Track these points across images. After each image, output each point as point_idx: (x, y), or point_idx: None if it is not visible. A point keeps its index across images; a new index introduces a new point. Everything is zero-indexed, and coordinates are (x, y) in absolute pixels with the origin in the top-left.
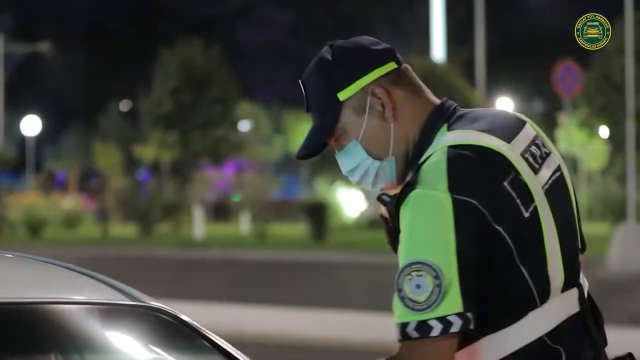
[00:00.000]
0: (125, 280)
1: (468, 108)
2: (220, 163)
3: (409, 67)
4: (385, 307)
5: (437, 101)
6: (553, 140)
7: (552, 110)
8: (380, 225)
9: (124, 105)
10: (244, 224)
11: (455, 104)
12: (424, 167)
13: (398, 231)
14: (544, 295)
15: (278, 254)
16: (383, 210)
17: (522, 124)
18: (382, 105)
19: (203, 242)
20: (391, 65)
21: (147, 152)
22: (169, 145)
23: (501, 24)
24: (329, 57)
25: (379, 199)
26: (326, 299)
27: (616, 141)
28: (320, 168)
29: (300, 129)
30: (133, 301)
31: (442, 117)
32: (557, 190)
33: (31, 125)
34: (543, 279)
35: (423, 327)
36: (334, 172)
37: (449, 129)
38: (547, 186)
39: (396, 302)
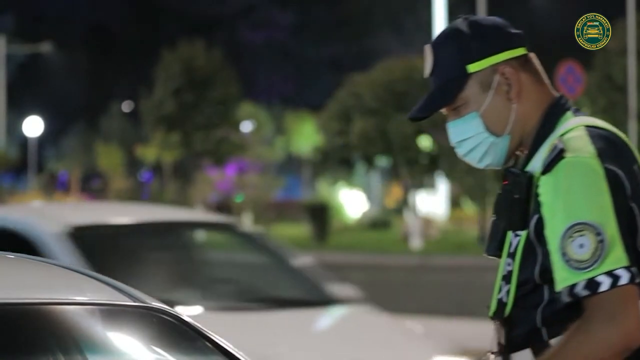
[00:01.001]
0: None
1: None
2: (222, 164)
3: (535, 56)
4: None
5: (556, 92)
6: None
7: None
8: (381, 226)
9: (126, 106)
10: (246, 225)
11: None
12: (567, 139)
13: (523, 202)
14: None
15: None
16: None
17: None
18: (509, 86)
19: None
20: (522, 50)
21: (149, 152)
22: (171, 146)
23: None
24: (465, 29)
25: (507, 171)
26: None
27: None
28: (322, 169)
29: (302, 129)
30: (135, 302)
31: (565, 105)
32: None
33: (33, 126)
34: None
35: (592, 284)
36: (336, 173)
37: (573, 115)
38: None
39: (559, 266)
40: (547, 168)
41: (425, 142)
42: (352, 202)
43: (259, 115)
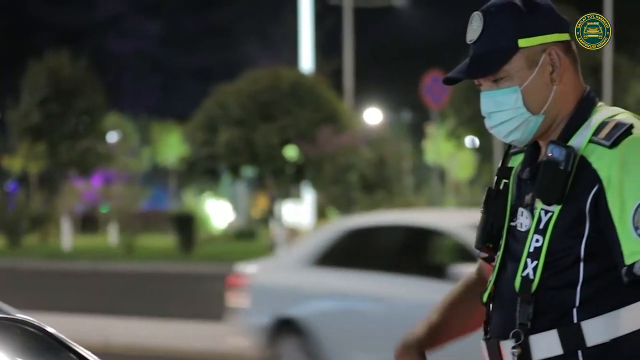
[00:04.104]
0: None
1: (336, 119)
2: (88, 174)
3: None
4: None
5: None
6: (421, 151)
7: (420, 121)
8: (247, 237)
9: None
10: (112, 235)
11: None
12: (624, 119)
13: (568, 175)
14: None
15: (146, 266)
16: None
17: None
18: (553, 67)
19: (71, 254)
20: (567, 36)
21: (15, 163)
22: (37, 156)
23: (370, 35)
24: (521, 4)
25: (553, 143)
26: (194, 310)
27: (484, 151)
28: (188, 179)
29: (167, 139)
30: None
31: (595, 96)
32: None
33: None
34: None
35: None
36: (202, 183)
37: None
38: None
39: (631, 240)
40: (614, 143)
41: (291, 152)
42: (218, 212)
43: (124, 125)
